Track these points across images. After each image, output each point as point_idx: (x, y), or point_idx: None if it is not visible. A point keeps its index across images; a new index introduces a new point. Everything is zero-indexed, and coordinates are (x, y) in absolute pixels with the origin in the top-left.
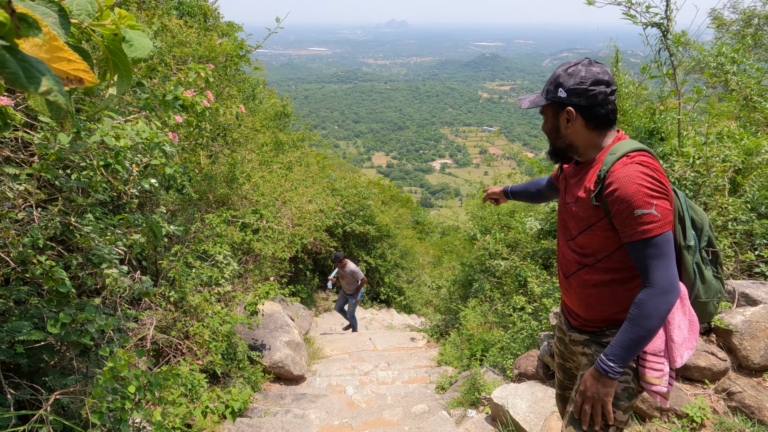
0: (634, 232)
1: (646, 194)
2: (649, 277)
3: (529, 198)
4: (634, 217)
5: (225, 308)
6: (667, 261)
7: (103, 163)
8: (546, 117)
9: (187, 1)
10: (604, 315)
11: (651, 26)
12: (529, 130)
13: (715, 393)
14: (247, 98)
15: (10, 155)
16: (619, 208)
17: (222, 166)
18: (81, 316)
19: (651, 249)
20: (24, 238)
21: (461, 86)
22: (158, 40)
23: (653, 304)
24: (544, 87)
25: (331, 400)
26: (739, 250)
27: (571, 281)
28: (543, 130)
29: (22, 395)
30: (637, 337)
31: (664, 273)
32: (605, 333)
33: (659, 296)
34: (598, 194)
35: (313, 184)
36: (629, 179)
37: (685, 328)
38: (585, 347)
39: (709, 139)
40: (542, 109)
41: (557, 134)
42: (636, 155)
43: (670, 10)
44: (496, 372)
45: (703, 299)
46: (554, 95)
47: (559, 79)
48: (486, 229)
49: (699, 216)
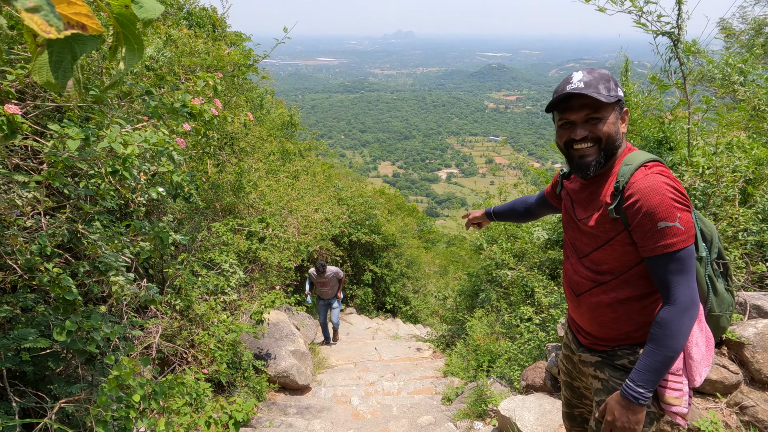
0: (656, 245)
1: (671, 205)
2: (671, 293)
3: (517, 217)
4: (657, 230)
5: (231, 317)
6: (689, 277)
7: (111, 170)
8: (604, 117)
9: (196, 12)
10: (616, 333)
11: (662, 35)
12: (536, 140)
13: (728, 407)
14: (255, 108)
15: (19, 163)
16: (641, 220)
17: (229, 175)
18: (87, 324)
19: (673, 264)
20: (32, 246)
21: (467, 96)
22: (167, 50)
23: (677, 322)
24: (597, 84)
25: (336, 410)
26: (750, 262)
27: (582, 300)
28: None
29: (27, 403)
30: (665, 359)
31: (686, 289)
32: (617, 354)
33: (682, 314)
34: (617, 207)
35: (319, 193)
36: (652, 190)
37: (702, 345)
38: (597, 370)
39: (719, 149)
40: (595, 109)
41: (618, 136)
42: (653, 165)
43: (681, 19)
44: (503, 383)
45: (717, 313)
46: (616, 94)
47: (614, 78)
48: (492, 239)
49: (708, 228)
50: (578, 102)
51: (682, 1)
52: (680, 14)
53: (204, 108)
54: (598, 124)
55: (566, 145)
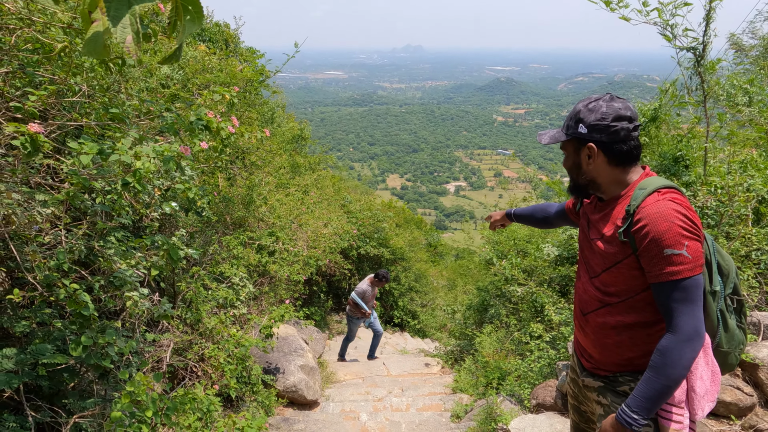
0: (661, 272)
1: (679, 233)
2: (674, 322)
3: (535, 223)
4: (663, 257)
5: (240, 331)
6: (694, 307)
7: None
8: (567, 153)
9: (209, 28)
10: (619, 359)
11: (686, 50)
12: (545, 153)
13: (742, 429)
14: (267, 121)
15: (40, 182)
16: (648, 245)
17: (240, 189)
18: (102, 339)
19: (678, 292)
20: (50, 262)
21: (476, 110)
22: (183, 67)
23: (678, 351)
24: (564, 122)
25: (344, 426)
26: (764, 281)
27: (588, 319)
28: (564, 165)
29: (43, 417)
30: (662, 387)
31: (690, 319)
32: (619, 380)
33: (684, 344)
34: (626, 230)
35: (328, 206)
36: (661, 216)
37: (707, 379)
38: (600, 396)
39: (732, 168)
40: (563, 145)
41: (578, 170)
42: (667, 192)
43: (708, 36)
44: (513, 401)
45: (725, 349)
46: (575, 131)
47: (579, 115)
48: (502, 253)
49: (726, 261)
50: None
51: (710, 18)
52: (707, 30)
53: (221, 125)
54: (565, 158)
55: None
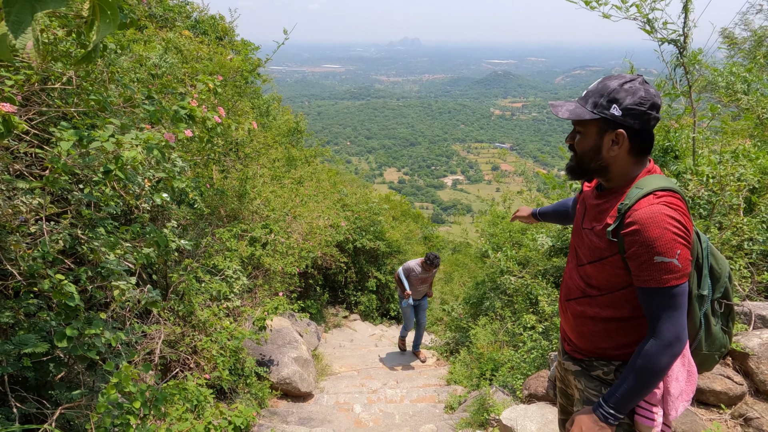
0: (650, 278)
1: (671, 240)
2: (657, 327)
3: (558, 219)
4: (653, 263)
5: (233, 323)
6: (678, 313)
7: (104, 169)
8: (586, 132)
9: (204, 20)
10: (593, 347)
11: (668, 43)
12: (541, 146)
13: (732, 418)
14: (262, 114)
15: (23, 170)
16: (638, 250)
17: (233, 181)
18: (88, 330)
19: (664, 299)
20: (34, 252)
21: (473, 103)
22: (170, 56)
23: (658, 356)
24: (589, 98)
25: (338, 418)
26: (756, 271)
27: (569, 306)
28: (576, 146)
29: (28, 409)
30: (639, 389)
31: (672, 326)
32: (593, 365)
33: (664, 348)
34: (615, 230)
35: (324, 200)
36: (653, 221)
37: (683, 380)
38: (576, 380)
39: (724, 158)
40: (581, 123)
41: (596, 155)
42: (664, 195)
43: (687, 27)
44: (505, 392)
45: (705, 352)
46: (605, 110)
47: (614, 94)
48: (497, 246)
49: (720, 265)
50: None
51: (689, 9)
52: (686, 22)
53: (207, 116)
54: (579, 138)
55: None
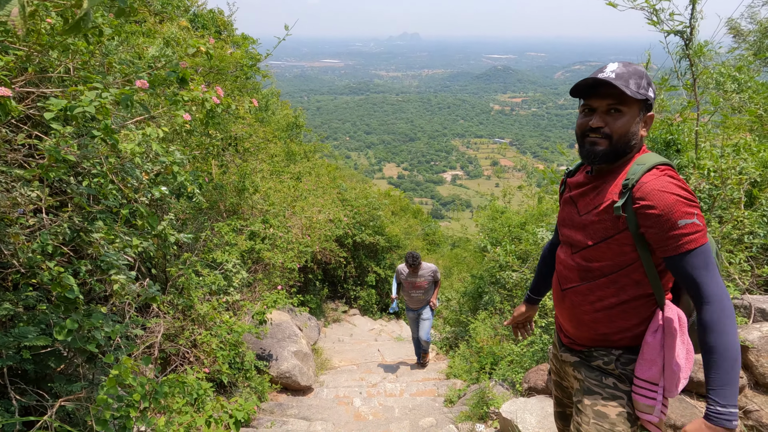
0: (678, 244)
1: (686, 203)
2: (704, 291)
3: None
4: (678, 228)
5: (233, 317)
6: (715, 272)
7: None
8: (628, 112)
9: (203, 14)
10: (593, 334)
11: (674, 34)
12: (541, 142)
13: None
14: (260, 109)
15: (20, 160)
16: (659, 220)
17: (233, 176)
18: (88, 323)
19: (698, 259)
20: (33, 244)
21: (473, 98)
22: (169, 49)
23: (725, 319)
24: (628, 78)
25: (338, 411)
26: (756, 264)
27: (566, 294)
28: (614, 126)
29: (28, 401)
30: (731, 362)
31: (716, 285)
32: (593, 354)
33: (723, 310)
34: (624, 205)
35: (323, 194)
36: (666, 190)
37: (682, 357)
38: (575, 371)
39: (725, 152)
40: (623, 101)
41: (633, 136)
42: (666, 169)
43: (694, 19)
44: (505, 386)
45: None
46: (647, 93)
47: (648, 79)
48: (497, 240)
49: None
50: (605, 90)
51: (696, 0)
52: (693, 13)
53: (206, 96)
54: (618, 119)
55: (582, 133)
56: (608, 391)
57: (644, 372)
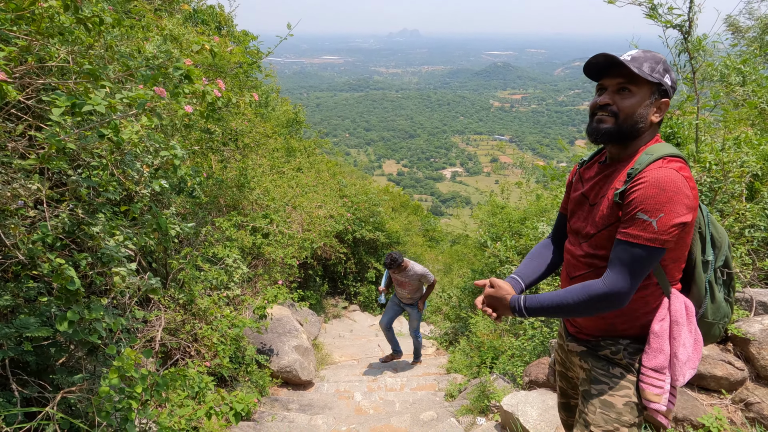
0: (624, 230)
1: (662, 202)
2: (609, 275)
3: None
4: (632, 217)
5: (234, 312)
6: (632, 275)
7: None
8: (637, 92)
9: (203, 10)
10: (601, 323)
11: (673, 28)
12: (541, 138)
13: (732, 403)
14: (260, 105)
15: (20, 149)
16: (628, 204)
17: (233, 171)
18: (89, 315)
19: (627, 254)
20: (33, 235)
21: (472, 95)
22: (169, 46)
23: (590, 296)
24: (643, 61)
25: (338, 405)
26: (757, 258)
27: (574, 282)
28: (622, 105)
29: (30, 393)
30: (557, 307)
31: (622, 282)
32: (600, 344)
33: (602, 294)
34: (622, 192)
35: (323, 190)
36: (657, 182)
37: (689, 347)
38: (582, 360)
39: (726, 145)
40: (632, 81)
41: (641, 118)
42: (673, 161)
43: (693, 12)
44: (506, 379)
45: (710, 320)
46: (662, 77)
47: (667, 65)
48: (497, 236)
49: (719, 234)
50: (617, 70)
51: None
52: (692, 7)
53: (207, 89)
54: (626, 98)
55: (592, 112)
56: (615, 380)
57: (651, 360)
